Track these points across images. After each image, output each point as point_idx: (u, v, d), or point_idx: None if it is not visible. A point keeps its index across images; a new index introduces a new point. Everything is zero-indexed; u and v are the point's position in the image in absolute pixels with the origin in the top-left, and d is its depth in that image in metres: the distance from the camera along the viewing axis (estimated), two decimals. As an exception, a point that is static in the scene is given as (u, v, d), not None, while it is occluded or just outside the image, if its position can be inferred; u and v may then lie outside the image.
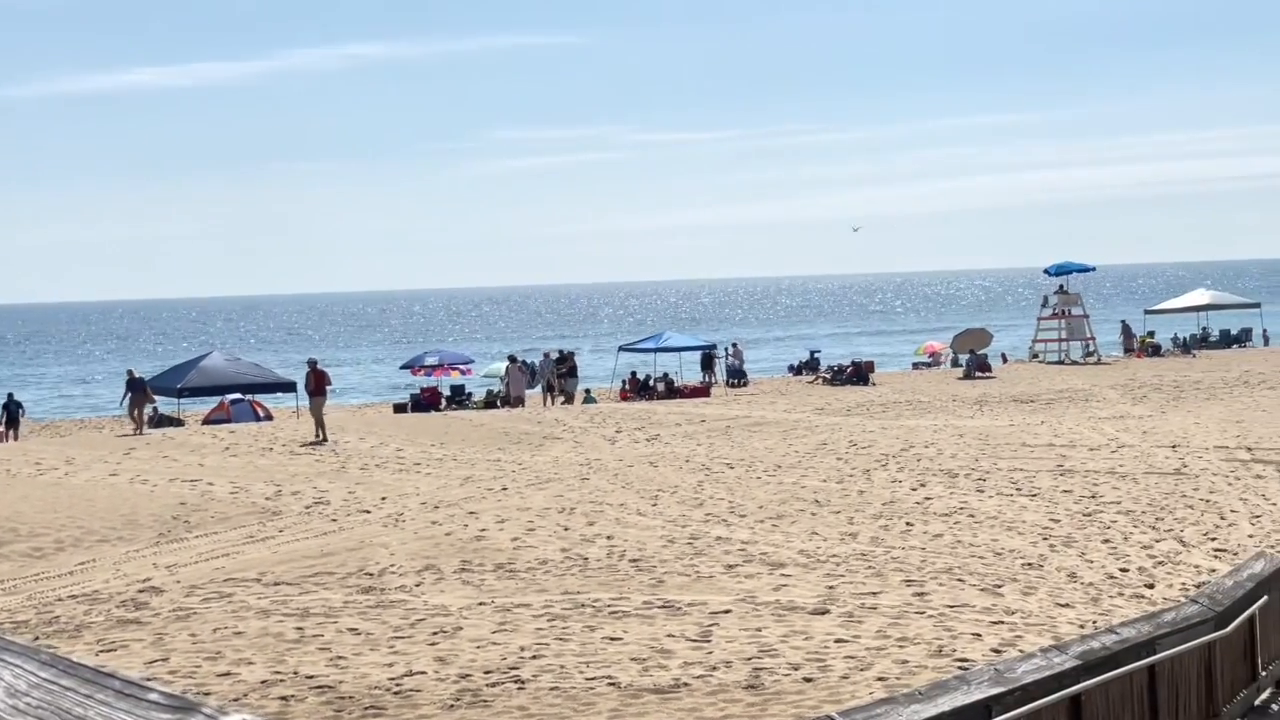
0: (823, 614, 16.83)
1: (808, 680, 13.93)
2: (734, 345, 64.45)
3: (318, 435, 36.95)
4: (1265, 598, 12.82)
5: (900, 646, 15.27)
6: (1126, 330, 70.16)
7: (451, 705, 13.19)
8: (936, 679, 10.04)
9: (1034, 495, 25.46)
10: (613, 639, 15.68)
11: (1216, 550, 20.96)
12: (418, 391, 54.29)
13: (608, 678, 14.07)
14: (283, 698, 13.54)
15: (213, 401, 50.37)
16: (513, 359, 55.26)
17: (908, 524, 22.92)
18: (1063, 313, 64.60)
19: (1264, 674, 12.78)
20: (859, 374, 55.80)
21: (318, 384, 39.13)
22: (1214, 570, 18.79)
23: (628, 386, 55.60)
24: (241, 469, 31.08)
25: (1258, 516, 23.32)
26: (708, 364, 60.11)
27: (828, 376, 57.75)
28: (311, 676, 14.29)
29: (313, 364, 40.32)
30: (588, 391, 54.89)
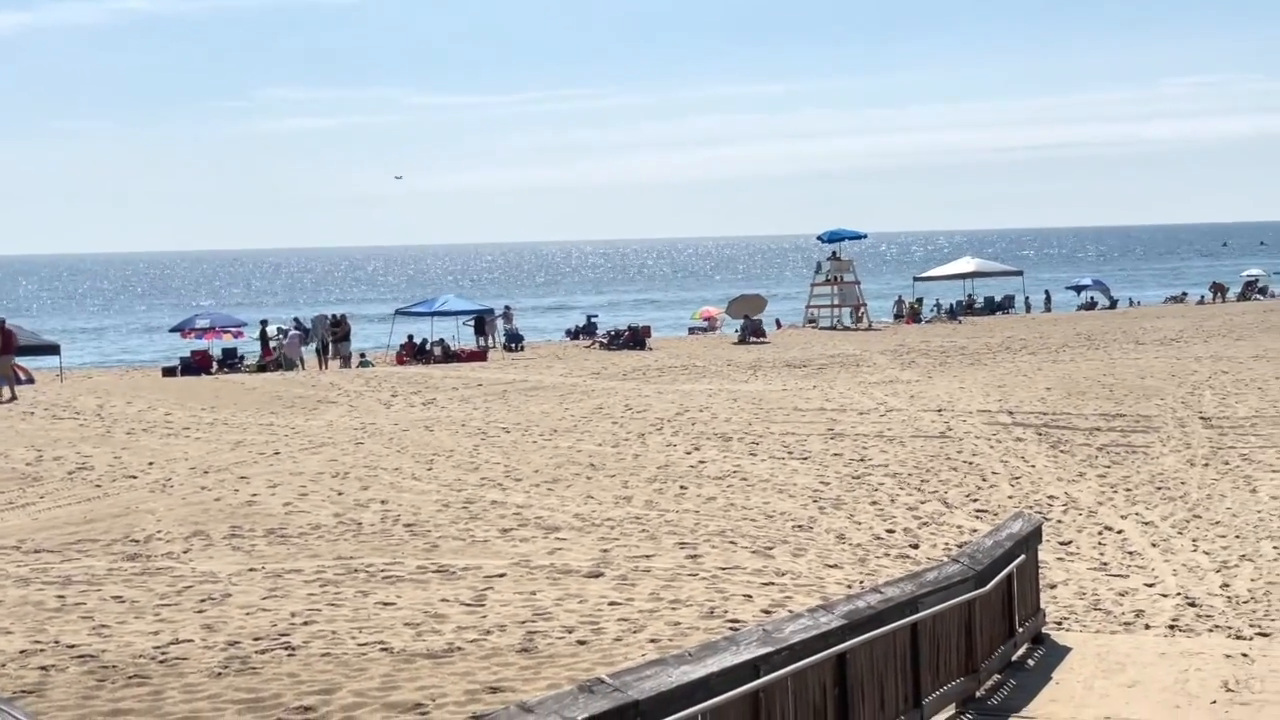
0: (597, 577, 16.92)
1: (581, 643, 14.00)
2: (506, 308, 64.31)
3: (6, 394, 36.59)
4: (1022, 556, 13.22)
5: (673, 608, 15.43)
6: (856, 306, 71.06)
7: (219, 673, 12.96)
8: (707, 640, 10.15)
9: (805, 458, 25.92)
10: (386, 604, 15.57)
11: (978, 511, 21.59)
12: (188, 355, 53.07)
13: (380, 643, 13.96)
14: (42, 668, 13.15)
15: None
16: (264, 323, 54.97)
17: (681, 487, 23.16)
18: (835, 279, 65.74)
19: (1021, 630, 13.18)
20: (635, 339, 56.11)
21: (5, 343, 38.45)
22: (975, 530, 19.36)
23: (404, 350, 55.13)
24: (1, 433, 30.08)
25: (1017, 478, 24.08)
26: (481, 328, 59.87)
27: (604, 341, 57.95)
28: (73, 646, 13.90)
29: (0, 322, 39.64)
30: (363, 355, 54.28)
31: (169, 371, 50.70)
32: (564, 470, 24.82)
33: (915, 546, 19.24)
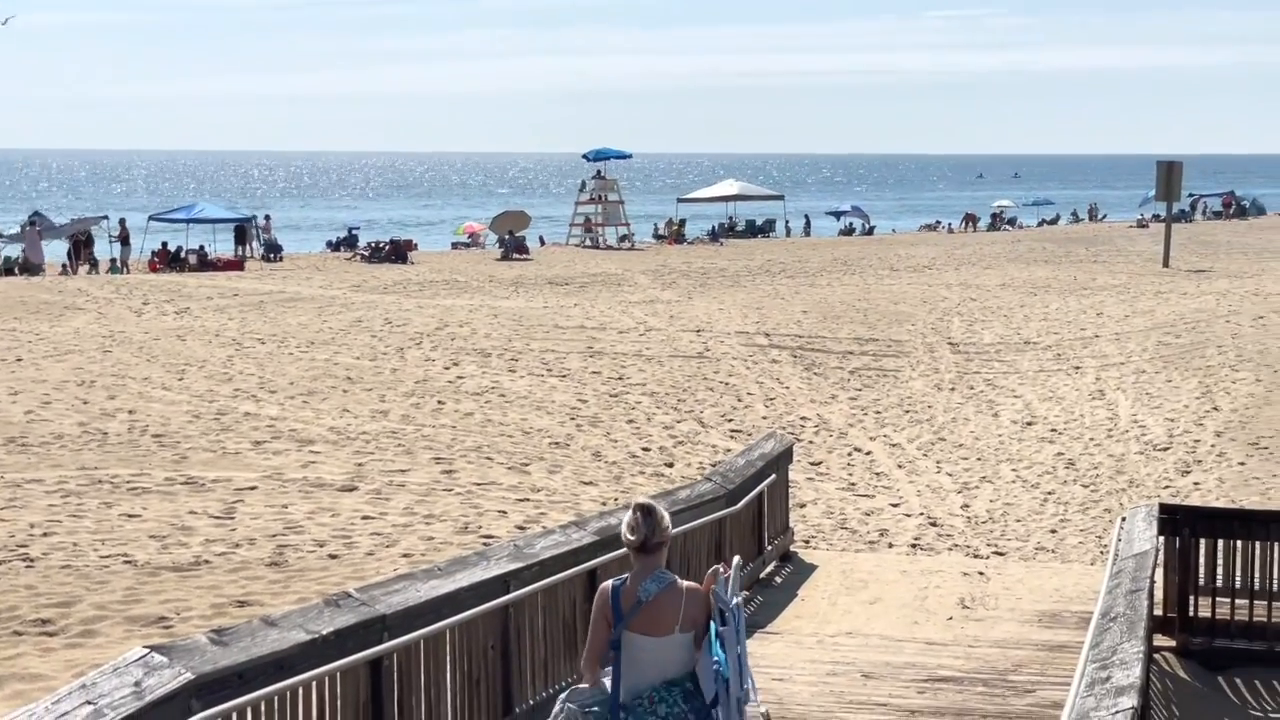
0: (351, 491, 16.77)
1: (333, 557, 13.88)
2: (265, 217, 63.07)
3: None
4: (773, 476, 13.47)
5: (427, 523, 15.39)
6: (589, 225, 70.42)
7: (-48, 586, 12.52)
8: (460, 555, 10.13)
9: (564, 376, 25.99)
10: (131, 516, 15.21)
11: (733, 431, 21.93)
12: (-75, 257, 50.88)
13: (124, 555, 13.64)
14: None
15: None
16: (30, 223, 52.94)
17: (439, 402, 23.05)
18: (600, 198, 65.80)
19: (770, 548, 13.45)
20: (397, 252, 55.46)
21: None
22: (729, 450, 19.66)
23: (157, 257, 53.66)
24: None
25: (771, 399, 24.51)
26: (241, 237, 58.60)
27: (365, 254, 57.15)
28: None
29: None
30: (114, 261, 52.68)
31: (-96, 274, 48.57)
32: (320, 383, 24.48)
33: (670, 465, 19.48)
